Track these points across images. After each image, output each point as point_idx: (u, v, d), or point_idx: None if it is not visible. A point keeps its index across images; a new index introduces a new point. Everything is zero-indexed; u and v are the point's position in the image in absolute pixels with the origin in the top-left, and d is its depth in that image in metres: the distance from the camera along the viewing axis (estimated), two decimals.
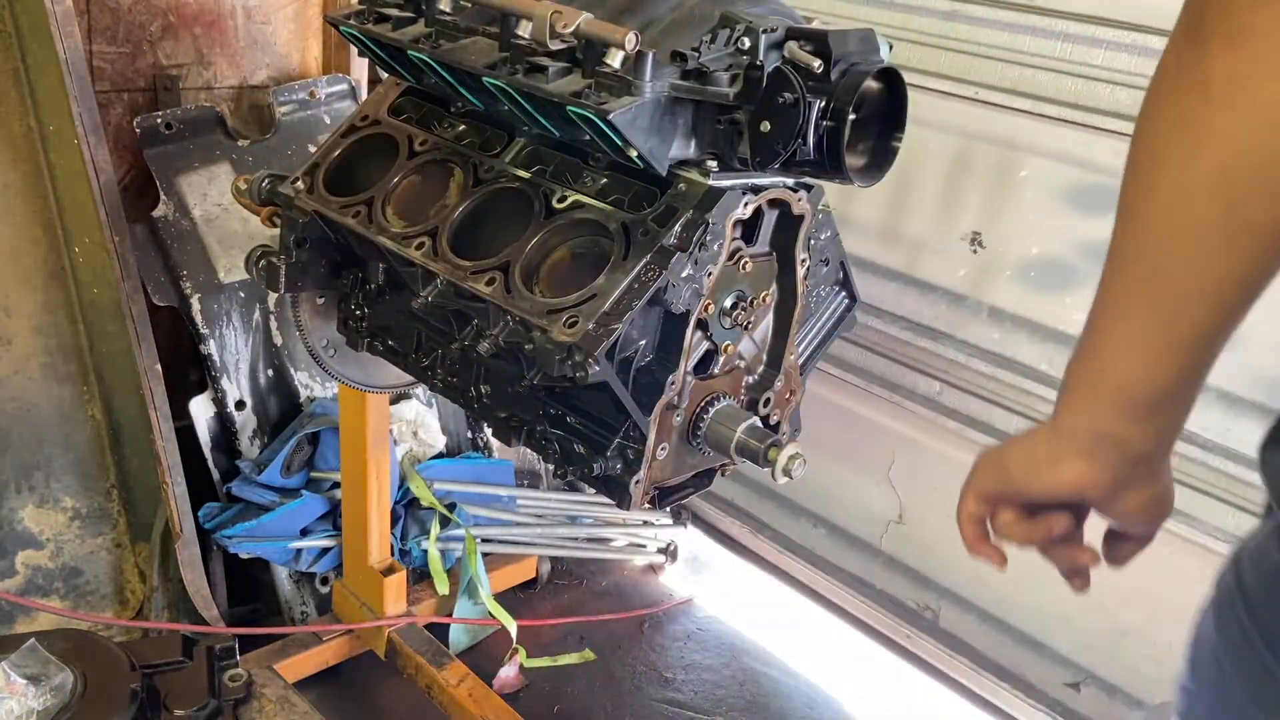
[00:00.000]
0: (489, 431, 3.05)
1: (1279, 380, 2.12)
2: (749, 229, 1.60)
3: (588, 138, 1.50)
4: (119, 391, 2.44)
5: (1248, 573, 0.87)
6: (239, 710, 1.35)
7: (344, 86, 2.97)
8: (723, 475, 1.79)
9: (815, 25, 1.50)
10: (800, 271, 1.64)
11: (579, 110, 1.43)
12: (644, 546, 3.25)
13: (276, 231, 1.93)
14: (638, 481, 1.59)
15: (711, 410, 1.63)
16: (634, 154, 1.45)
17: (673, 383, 1.55)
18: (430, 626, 2.64)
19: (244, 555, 2.59)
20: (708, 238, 1.47)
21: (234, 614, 2.65)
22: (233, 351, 2.69)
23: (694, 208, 1.48)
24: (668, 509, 3.24)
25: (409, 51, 1.67)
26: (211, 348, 2.66)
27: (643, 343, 1.55)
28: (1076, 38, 2.28)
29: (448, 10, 1.69)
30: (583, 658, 2.80)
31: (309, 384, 2.81)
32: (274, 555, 2.62)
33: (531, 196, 1.63)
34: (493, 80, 1.54)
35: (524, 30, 1.52)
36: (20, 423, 2.35)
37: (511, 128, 1.76)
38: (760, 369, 1.71)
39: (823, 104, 1.40)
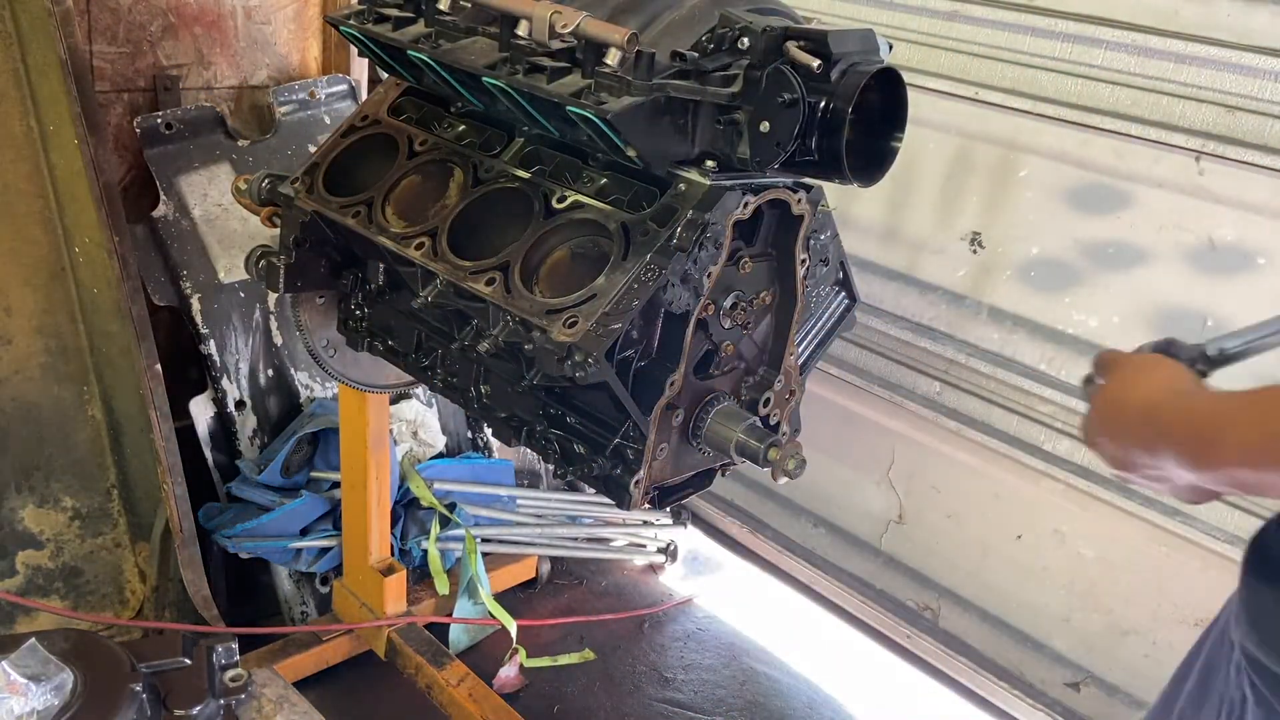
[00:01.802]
0: (489, 431, 3.05)
1: None
2: (749, 229, 1.60)
3: (587, 137, 1.50)
4: (119, 391, 2.44)
5: None
6: (239, 710, 1.35)
7: (344, 86, 2.97)
8: (723, 475, 1.79)
9: (815, 25, 1.50)
10: (800, 271, 1.64)
11: (578, 110, 1.43)
12: (644, 546, 3.25)
13: (276, 231, 1.93)
14: (638, 481, 1.59)
15: (711, 410, 1.63)
16: (633, 154, 1.45)
17: (672, 383, 1.55)
18: (430, 626, 2.64)
19: (244, 555, 2.59)
20: (707, 238, 1.47)
21: (233, 614, 2.65)
22: (233, 351, 2.69)
23: (694, 208, 1.48)
24: (668, 509, 3.25)
25: (409, 51, 1.67)
26: (211, 348, 2.66)
27: (642, 343, 1.55)
28: (1076, 38, 2.28)
29: (447, 10, 1.69)
30: (583, 658, 2.80)
31: (309, 384, 2.81)
32: (274, 555, 2.62)
33: (531, 196, 1.63)
34: (492, 80, 1.54)
35: (524, 30, 1.52)
36: (20, 423, 2.35)
37: (511, 128, 1.76)
38: (760, 369, 1.71)
39: (822, 104, 1.40)
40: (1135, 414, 1.15)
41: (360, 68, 3.00)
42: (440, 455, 2.94)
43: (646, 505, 1.65)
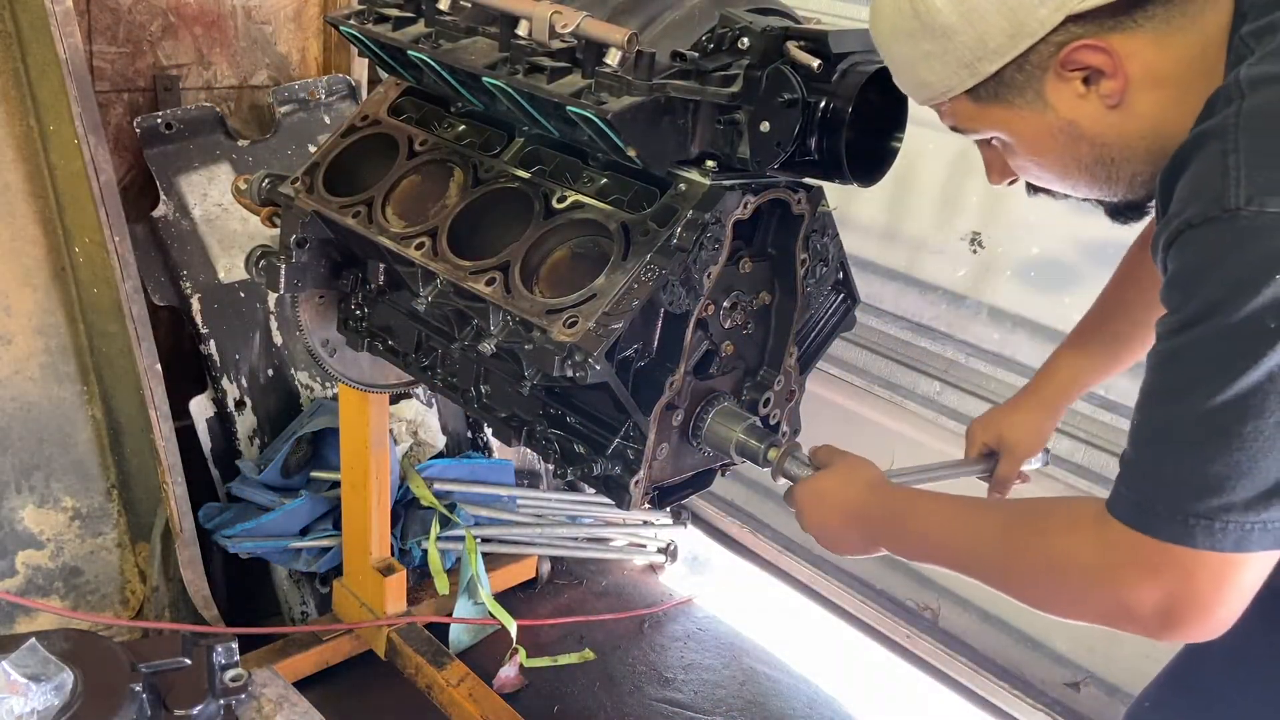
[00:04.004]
0: (489, 431, 3.05)
1: None
2: (748, 229, 1.60)
3: (587, 138, 1.50)
4: (119, 391, 2.44)
5: None
6: (239, 710, 1.35)
7: (344, 86, 2.97)
8: (723, 475, 1.79)
9: (815, 25, 1.50)
10: (800, 271, 1.64)
11: (578, 110, 1.43)
12: (644, 546, 3.25)
13: (276, 231, 1.93)
14: (638, 481, 1.59)
15: (711, 410, 1.63)
16: (633, 154, 1.45)
17: (672, 383, 1.55)
18: (430, 626, 2.64)
19: (244, 555, 2.59)
20: (708, 237, 1.47)
21: (233, 614, 2.65)
22: (233, 351, 2.69)
23: (694, 208, 1.48)
24: (668, 509, 3.25)
25: (409, 51, 1.68)
26: (211, 348, 2.66)
27: (642, 343, 1.55)
28: None
29: (447, 10, 1.69)
30: (583, 658, 2.80)
31: (309, 384, 2.81)
32: (274, 555, 2.62)
33: (531, 196, 1.63)
34: (492, 80, 1.54)
35: (524, 30, 1.52)
36: (20, 423, 2.35)
37: (511, 128, 1.76)
38: (760, 369, 1.71)
39: (822, 104, 1.40)
40: (839, 513, 1.41)
41: (360, 68, 3.00)
42: (440, 455, 2.94)
43: (646, 505, 1.65)
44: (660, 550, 3.24)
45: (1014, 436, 1.73)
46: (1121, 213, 1.24)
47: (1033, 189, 1.28)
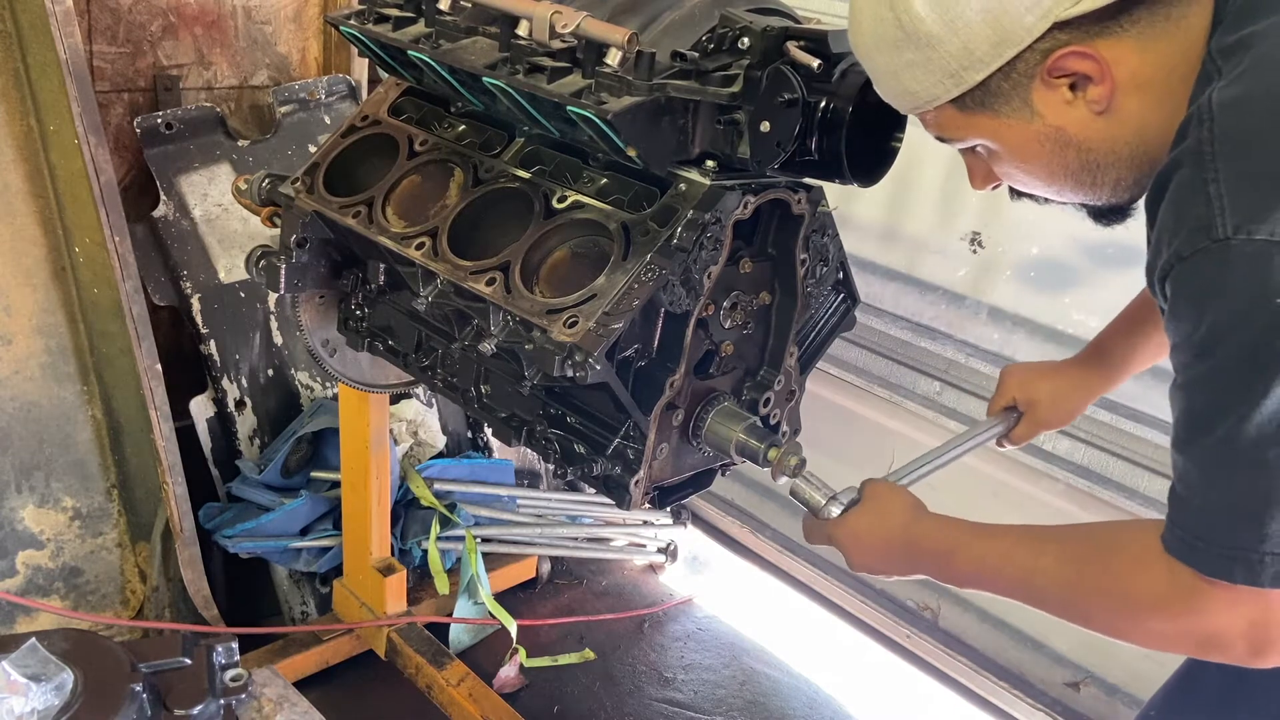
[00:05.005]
0: (489, 431, 3.05)
1: None
2: (748, 229, 1.60)
3: (587, 138, 1.50)
4: (119, 391, 2.44)
5: None
6: (239, 710, 1.34)
7: (344, 86, 2.97)
8: (723, 475, 1.79)
9: (815, 25, 1.50)
10: (800, 271, 1.64)
11: (579, 110, 1.43)
12: (644, 546, 3.25)
13: (276, 231, 1.93)
14: (638, 481, 1.59)
15: (711, 410, 1.63)
16: (633, 154, 1.45)
17: (672, 383, 1.55)
18: (430, 626, 2.64)
19: (244, 555, 2.59)
20: (708, 238, 1.47)
21: (233, 614, 2.65)
22: (233, 351, 2.69)
23: (694, 208, 1.48)
24: (668, 509, 3.25)
25: (409, 51, 1.67)
26: (211, 348, 2.66)
27: (642, 343, 1.55)
28: None
29: (447, 10, 1.69)
30: (583, 658, 2.80)
31: (309, 384, 2.81)
32: (274, 555, 2.62)
33: (531, 196, 1.63)
34: (493, 80, 1.54)
35: (524, 30, 1.52)
36: (20, 423, 2.35)
37: (511, 128, 1.76)
38: (760, 369, 1.71)
39: (822, 104, 1.40)
40: (880, 550, 1.41)
41: (360, 68, 3.00)
42: (440, 455, 2.94)
43: (646, 505, 1.65)
44: (660, 550, 3.24)
45: (1047, 406, 1.72)
46: (1105, 216, 1.24)
47: (1016, 194, 1.27)
